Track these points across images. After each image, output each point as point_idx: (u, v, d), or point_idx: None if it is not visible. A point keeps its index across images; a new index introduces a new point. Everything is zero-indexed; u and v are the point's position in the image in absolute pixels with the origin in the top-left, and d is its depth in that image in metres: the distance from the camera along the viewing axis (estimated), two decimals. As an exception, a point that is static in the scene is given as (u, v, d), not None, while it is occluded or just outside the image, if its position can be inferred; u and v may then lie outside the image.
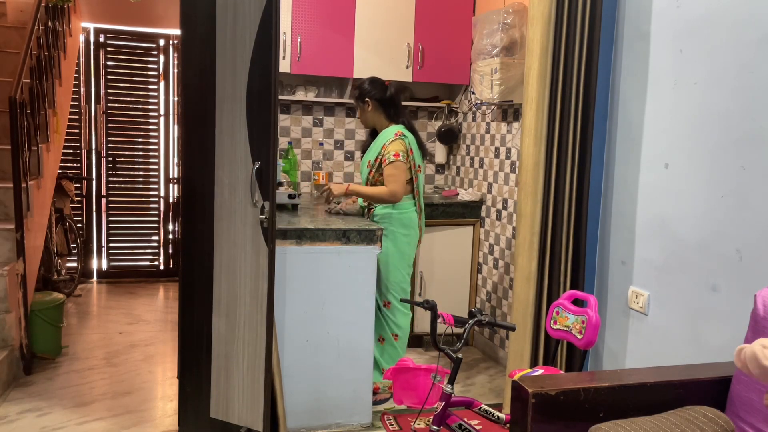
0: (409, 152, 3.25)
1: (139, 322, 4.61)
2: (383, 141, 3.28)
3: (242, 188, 2.55)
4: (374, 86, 3.32)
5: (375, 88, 3.32)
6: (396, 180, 3.19)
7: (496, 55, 3.68)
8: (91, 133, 5.53)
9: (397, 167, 3.20)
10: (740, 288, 2.24)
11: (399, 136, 3.25)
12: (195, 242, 2.69)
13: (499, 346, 4.01)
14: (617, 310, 2.89)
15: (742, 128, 2.25)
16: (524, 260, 2.96)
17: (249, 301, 2.58)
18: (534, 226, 2.92)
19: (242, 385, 2.63)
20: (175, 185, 5.73)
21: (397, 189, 3.19)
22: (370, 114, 3.36)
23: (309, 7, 4.03)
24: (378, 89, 3.31)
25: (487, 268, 4.19)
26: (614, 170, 2.91)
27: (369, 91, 3.32)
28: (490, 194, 4.15)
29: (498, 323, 2.33)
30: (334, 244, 2.96)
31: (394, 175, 3.19)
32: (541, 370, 2.48)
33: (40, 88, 3.96)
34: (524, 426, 1.82)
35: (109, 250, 5.70)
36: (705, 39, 2.42)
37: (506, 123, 3.98)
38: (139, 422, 3.04)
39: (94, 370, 3.66)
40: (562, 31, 2.84)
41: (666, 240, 2.60)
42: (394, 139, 3.25)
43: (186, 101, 2.70)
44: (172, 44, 5.60)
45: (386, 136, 3.29)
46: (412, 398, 2.43)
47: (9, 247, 3.50)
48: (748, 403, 1.90)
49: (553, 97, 2.88)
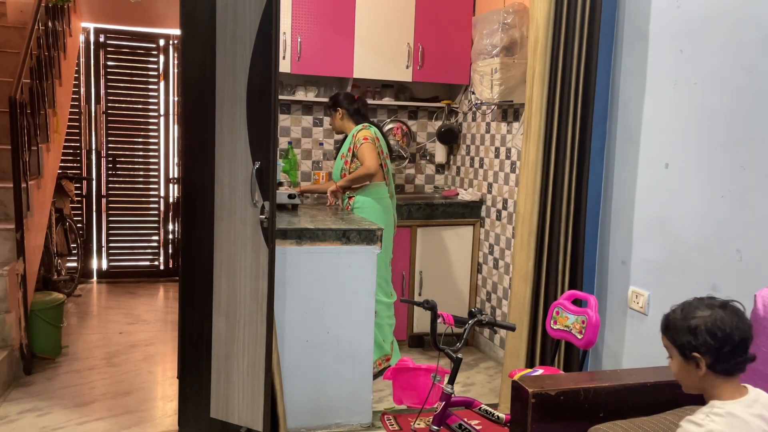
0: (376, 139, 3.66)
1: (139, 322, 4.61)
2: (352, 134, 3.73)
3: (242, 188, 2.55)
4: (346, 98, 3.80)
5: (346, 100, 3.79)
6: (368, 157, 3.59)
7: (496, 55, 3.68)
8: (91, 133, 5.53)
9: (366, 147, 3.62)
10: (740, 288, 2.24)
11: (365, 127, 3.71)
12: (195, 242, 2.69)
13: (499, 346, 4.01)
14: (617, 310, 2.89)
15: (742, 128, 2.26)
16: (521, 259, 2.96)
17: (249, 301, 2.58)
18: (531, 225, 2.93)
19: (242, 385, 2.63)
20: (175, 185, 5.72)
21: (370, 164, 3.58)
22: (338, 121, 3.83)
23: (309, 7, 4.03)
24: (348, 101, 3.78)
25: (487, 268, 4.19)
26: (614, 170, 2.91)
27: (341, 102, 3.79)
28: (490, 194, 4.15)
29: (498, 323, 2.33)
30: (334, 244, 2.96)
31: (366, 154, 3.60)
32: (540, 370, 2.48)
33: (40, 88, 3.96)
34: (524, 426, 1.82)
35: (109, 250, 5.70)
36: (705, 39, 2.42)
37: (506, 123, 3.98)
38: (139, 422, 3.04)
39: (94, 370, 3.66)
40: (562, 31, 2.84)
41: (666, 240, 2.60)
42: (362, 128, 3.70)
43: (186, 101, 2.70)
44: (172, 44, 5.60)
45: (355, 129, 3.73)
46: (412, 398, 2.43)
47: (9, 247, 3.50)
48: (748, 403, 1.90)
49: (553, 97, 2.88)
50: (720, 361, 1.52)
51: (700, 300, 1.59)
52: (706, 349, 1.51)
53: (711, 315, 1.53)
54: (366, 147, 3.61)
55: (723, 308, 1.54)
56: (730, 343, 1.50)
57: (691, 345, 1.53)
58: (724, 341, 1.50)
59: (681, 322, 1.57)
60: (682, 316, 1.57)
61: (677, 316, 1.59)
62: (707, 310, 1.54)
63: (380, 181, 3.70)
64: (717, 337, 1.50)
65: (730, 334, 1.50)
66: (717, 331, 1.50)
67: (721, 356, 1.51)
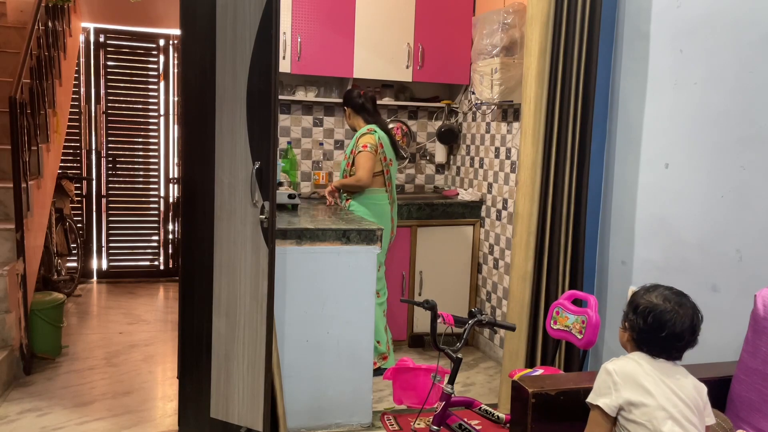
0: (379, 146, 3.63)
1: (139, 322, 4.61)
2: (356, 137, 3.73)
3: (242, 188, 2.55)
4: (350, 95, 3.79)
5: (350, 97, 3.78)
6: (362, 167, 3.59)
7: (496, 55, 3.68)
8: (91, 133, 5.53)
9: (363, 157, 3.60)
10: (740, 288, 2.24)
11: (370, 131, 3.67)
12: (195, 242, 2.69)
13: (499, 346, 4.01)
14: (617, 310, 2.89)
15: (741, 128, 2.26)
16: (520, 260, 2.96)
17: (249, 301, 2.58)
18: (531, 225, 2.92)
19: (242, 385, 2.63)
20: (175, 185, 5.72)
21: (361, 175, 3.59)
22: (348, 119, 3.84)
23: (309, 7, 4.03)
24: (353, 98, 3.76)
25: (487, 268, 4.20)
26: (614, 170, 2.92)
27: (347, 99, 3.80)
28: (490, 194, 4.15)
29: (498, 323, 2.33)
30: (334, 244, 2.96)
31: (361, 164, 3.60)
32: (540, 370, 2.48)
33: (40, 88, 3.96)
34: (524, 426, 1.82)
35: (109, 250, 5.70)
36: (705, 39, 2.42)
37: (506, 123, 3.98)
38: (139, 422, 3.04)
39: (94, 370, 3.66)
40: (562, 31, 2.84)
41: (666, 240, 2.60)
42: (366, 133, 3.67)
43: (186, 101, 2.70)
44: (172, 44, 5.60)
45: (360, 132, 3.72)
46: (412, 398, 2.43)
47: (9, 247, 3.50)
48: (748, 403, 1.90)
49: (553, 97, 2.88)
50: (642, 341, 1.71)
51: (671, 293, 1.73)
52: (631, 326, 1.73)
53: (657, 305, 1.69)
54: (362, 156, 3.59)
55: (679, 306, 1.69)
56: (656, 333, 1.67)
57: (626, 316, 1.76)
58: (651, 328, 1.68)
59: (635, 297, 1.76)
60: (641, 293, 1.76)
61: (640, 291, 1.77)
62: (660, 300, 1.70)
63: (379, 187, 3.70)
64: (646, 322, 1.69)
65: (659, 327, 1.67)
66: (649, 318, 1.68)
67: (643, 338, 1.70)
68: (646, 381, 1.63)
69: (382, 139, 3.66)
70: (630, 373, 1.65)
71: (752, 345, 1.94)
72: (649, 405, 1.60)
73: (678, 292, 1.73)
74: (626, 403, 1.62)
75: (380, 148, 3.64)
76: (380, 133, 3.68)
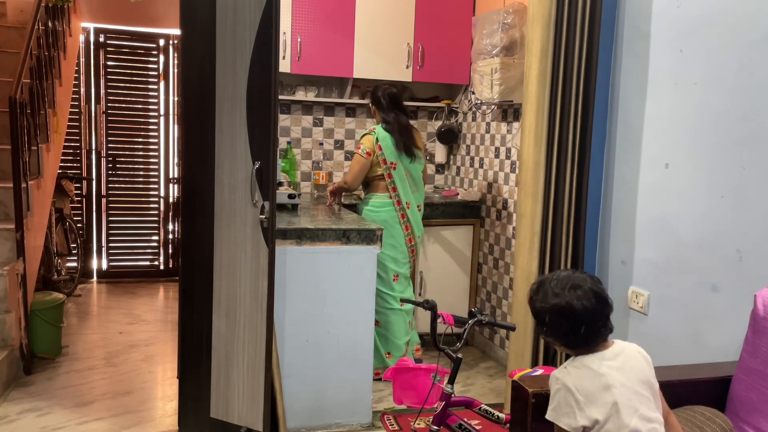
0: (376, 148, 3.51)
1: (139, 322, 4.61)
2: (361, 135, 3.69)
3: (242, 188, 2.55)
4: (373, 91, 3.68)
5: (373, 92, 3.67)
6: (352, 171, 3.59)
7: (496, 55, 3.68)
8: (91, 133, 5.53)
9: (354, 159, 3.59)
10: (740, 288, 2.24)
11: (371, 132, 3.59)
12: (195, 242, 2.69)
13: (499, 346, 4.01)
14: (617, 310, 2.87)
15: (742, 128, 2.25)
16: (524, 260, 2.96)
17: (249, 301, 2.58)
18: (534, 226, 2.92)
19: (242, 385, 2.63)
20: (175, 185, 5.72)
21: (347, 178, 3.60)
22: (374, 115, 3.74)
23: (309, 7, 4.03)
24: (374, 93, 3.66)
25: (487, 268, 4.19)
26: (614, 170, 2.91)
27: (371, 95, 3.71)
28: (490, 194, 4.15)
29: (498, 323, 2.33)
30: (334, 244, 2.96)
31: (351, 166, 3.61)
32: (541, 370, 2.48)
33: (40, 88, 3.96)
34: (524, 426, 1.82)
35: (109, 250, 5.70)
36: (705, 39, 2.42)
37: (506, 123, 3.98)
38: (139, 422, 3.04)
39: (94, 370, 3.66)
40: (562, 31, 2.84)
41: (666, 240, 2.60)
42: (367, 133, 3.61)
43: (186, 101, 2.70)
44: (172, 44, 5.60)
45: (364, 132, 3.74)
46: (412, 398, 2.43)
47: (9, 247, 3.50)
48: (748, 403, 1.90)
49: (553, 97, 2.88)
50: (571, 344, 1.59)
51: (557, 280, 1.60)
52: (553, 337, 1.60)
53: (557, 305, 1.56)
54: (354, 159, 3.56)
55: (575, 289, 1.57)
56: (576, 330, 1.56)
57: (543, 331, 1.62)
58: (570, 330, 1.56)
59: (533, 305, 1.63)
60: (537, 300, 1.62)
61: (533, 298, 1.64)
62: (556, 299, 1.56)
63: (381, 192, 3.57)
64: (561, 328, 1.57)
65: (575, 324, 1.55)
66: (564, 320, 1.55)
67: (570, 341, 1.58)
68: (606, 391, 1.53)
69: (381, 141, 3.49)
70: (592, 391, 1.53)
71: (752, 345, 1.94)
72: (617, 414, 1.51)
73: (562, 277, 1.60)
74: (593, 422, 1.52)
75: (378, 150, 3.48)
76: (381, 133, 3.51)
